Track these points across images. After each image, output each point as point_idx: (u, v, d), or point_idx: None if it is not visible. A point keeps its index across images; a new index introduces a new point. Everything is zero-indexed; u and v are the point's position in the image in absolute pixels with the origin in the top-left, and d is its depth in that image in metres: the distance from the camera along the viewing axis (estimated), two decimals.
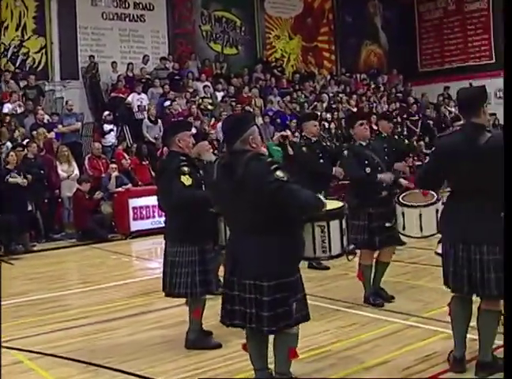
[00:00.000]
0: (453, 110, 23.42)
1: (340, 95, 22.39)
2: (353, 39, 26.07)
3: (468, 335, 5.21)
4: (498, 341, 5.11)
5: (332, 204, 5.09)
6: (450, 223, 5.12)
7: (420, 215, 6.71)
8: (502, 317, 5.01)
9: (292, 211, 4.44)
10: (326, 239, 5.01)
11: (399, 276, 8.50)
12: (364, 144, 7.05)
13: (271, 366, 4.74)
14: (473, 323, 5.13)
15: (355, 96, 22.51)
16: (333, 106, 21.09)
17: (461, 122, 5.16)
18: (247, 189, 4.33)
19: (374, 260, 7.24)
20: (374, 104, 22.87)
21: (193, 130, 9.53)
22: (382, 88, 24.75)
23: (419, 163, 18.95)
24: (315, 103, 20.92)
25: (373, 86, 24.65)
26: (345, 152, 7.15)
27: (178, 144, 5.91)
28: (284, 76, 22.60)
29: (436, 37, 27.80)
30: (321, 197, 4.64)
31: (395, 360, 5.49)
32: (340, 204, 5.31)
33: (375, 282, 7.29)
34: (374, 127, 10.29)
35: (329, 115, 20.04)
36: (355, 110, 21.28)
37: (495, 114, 17.03)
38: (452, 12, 27.26)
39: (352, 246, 5.66)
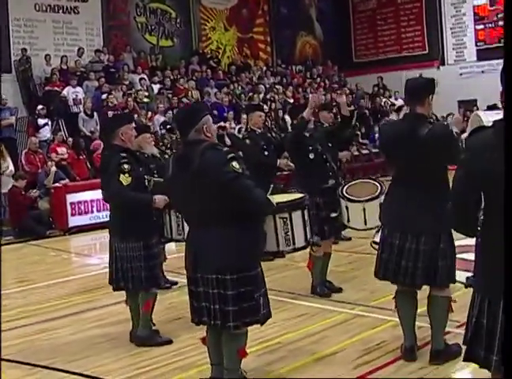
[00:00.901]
0: (393, 100, 23.75)
1: (277, 86, 22.40)
2: (288, 30, 26.12)
3: (417, 323, 5.25)
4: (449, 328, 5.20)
5: (292, 196, 5.05)
6: (389, 211, 5.16)
7: (364, 209, 6.72)
8: (452, 303, 5.07)
9: (244, 205, 4.36)
10: (289, 231, 4.95)
11: (343, 266, 8.53)
12: (308, 134, 7.04)
13: None
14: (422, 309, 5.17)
15: (291, 87, 22.59)
16: (270, 97, 21.07)
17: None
18: (204, 180, 4.23)
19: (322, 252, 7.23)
20: (310, 95, 22.92)
21: None
22: (317, 79, 24.87)
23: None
24: (251, 94, 20.88)
25: (309, 77, 24.78)
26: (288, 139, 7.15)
27: (120, 138, 5.79)
28: (220, 67, 22.50)
29: (370, 28, 28.12)
30: (271, 198, 4.58)
31: (346, 350, 5.50)
32: (300, 195, 5.27)
33: (322, 273, 7.29)
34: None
35: (265, 106, 20.01)
36: (291, 101, 21.35)
37: None
38: (385, 3, 27.61)
39: (316, 238, 5.63)
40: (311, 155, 6.93)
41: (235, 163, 4.24)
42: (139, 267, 5.73)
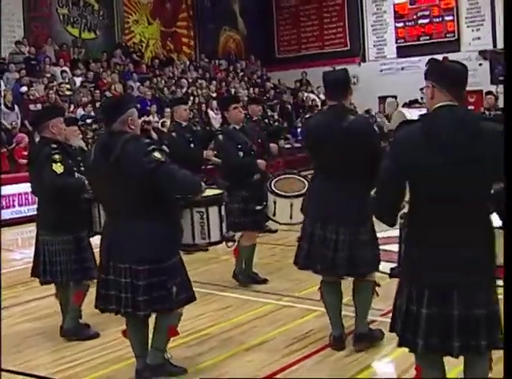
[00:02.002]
0: (314, 96, 24.08)
1: (200, 80, 22.40)
2: (212, 24, 26.09)
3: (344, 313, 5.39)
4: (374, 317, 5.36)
5: (210, 191, 5.12)
6: (311, 202, 5.27)
7: (292, 204, 6.84)
8: (377, 287, 5.23)
9: (170, 192, 4.45)
10: (205, 225, 5.05)
11: (268, 258, 8.63)
12: (238, 127, 7.11)
13: None
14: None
15: (214, 82, 22.63)
16: (193, 91, 21.05)
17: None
18: (124, 170, 4.29)
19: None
20: (234, 90, 23.04)
21: None
22: (240, 74, 24.98)
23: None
24: (174, 88, 20.82)
25: (232, 72, 24.87)
26: (220, 136, 7.17)
27: (51, 130, 5.75)
28: (143, 61, 22.33)
29: (293, 24, 28.34)
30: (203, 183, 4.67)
31: (274, 339, 5.59)
32: (218, 191, 5.36)
33: (247, 263, 7.37)
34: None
35: (189, 101, 20.01)
36: (214, 95, 21.40)
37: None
38: (309, 0, 27.87)
39: (231, 233, 5.73)
40: (240, 152, 6.98)
41: (156, 153, 4.32)
42: (70, 260, 5.70)
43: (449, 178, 3.31)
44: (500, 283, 3.33)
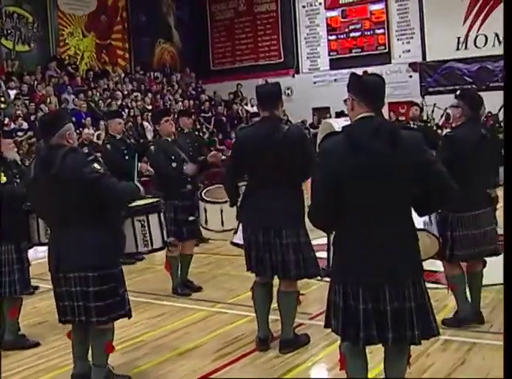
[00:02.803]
0: (249, 108, 24.33)
1: (135, 93, 22.47)
2: (147, 37, 26.12)
3: (273, 317, 5.63)
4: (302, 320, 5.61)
5: (148, 200, 5.32)
6: (250, 211, 5.46)
7: (222, 210, 7.08)
8: (300, 296, 5.50)
9: (111, 202, 4.61)
10: (147, 233, 5.24)
11: (202, 267, 8.83)
12: (170, 139, 7.29)
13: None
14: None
15: (150, 94, 22.73)
16: (128, 104, 21.10)
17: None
18: (65, 182, 4.44)
19: (179, 253, 7.49)
20: (169, 102, 23.17)
21: None
22: (175, 86, 25.12)
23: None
24: (110, 100, 20.84)
25: (167, 84, 24.99)
26: (152, 148, 7.35)
27: None
28: (78, 73, 22.25)
29: (228, 37, 28.58)
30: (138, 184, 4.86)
31: (206, 344, 5.80)
32: (156, 199, 5.55)
33: (182, 274, 7.56)
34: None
35: (124, 113, 20.03)
36: (150, 107, 21.49)
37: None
38: (243, 12, 28.15)
39: (172, 239, 5.93)
40: (173, 164, 7.16)
41: (95, 165, 4.51)
42: (13, 270, 5.78)
43: (371, 184, 3.60)
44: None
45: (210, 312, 6.81)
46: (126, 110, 20.14)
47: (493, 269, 6.20)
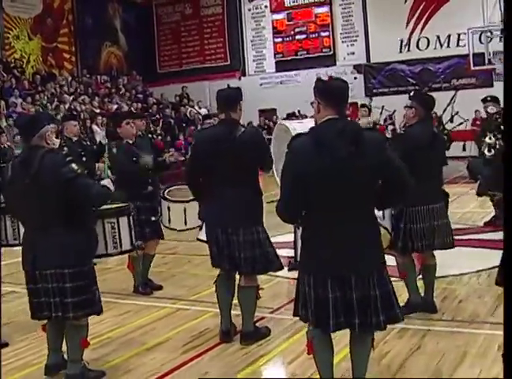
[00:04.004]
0: (197, 110, 24.50)
1: (82, 96, 22.46)
2: (93, 40, 26.14)
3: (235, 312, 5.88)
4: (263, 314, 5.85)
5: (117, 203, 5.51)
6: (210, 209, 5.73)
7: (185, 209, 7.29)
8: (259, 291, 5.75)
9: (85, 202, 4.81)
10: (117, 235, 5.44)
11: (161, 266, 8.98)
12: (131, 141, 7.45)
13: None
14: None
15: (97, 98, 22.74)
16: (76, 107, 21.08)
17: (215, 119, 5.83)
18: (43, 182, 4.62)
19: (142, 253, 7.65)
20: (116, 105, 23.22)
21: None
22: (123, 90, 25.15)
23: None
24: (58, 104, 20.80)
25: (114, 87, 25.00)
26: (114, 150, 7.49)
27: None
28: (24, 77, 22.18)
29: (174, 39, 28.76)
30: (111, 186, 5.06)
31: (173, 339, 6.01)
32: (126, 203, 5.75)
33: (143, 273, 7.73)
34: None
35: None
36: (98, 111, 21.51)
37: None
38: (189, 16, 28.38)
39: (140, 242, 6.14)
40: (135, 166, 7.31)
41: (73, 165, 4.70)
42: None
43: (337, 183, 3.88)
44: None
45: (173, 309, 7.00)
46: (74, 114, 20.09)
47: (444, 262, 6.59)
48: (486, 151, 4.65)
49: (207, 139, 5.70)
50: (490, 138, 4.64)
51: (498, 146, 4.61)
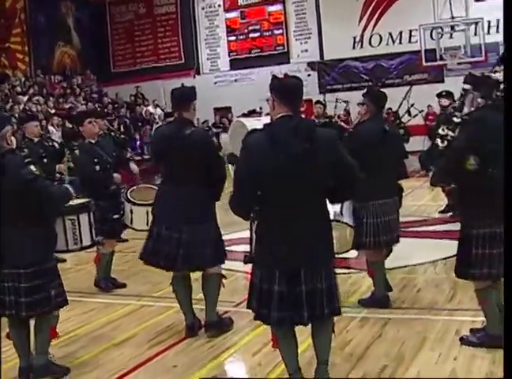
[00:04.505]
0: (151, 109, 24.49)
1: (37, 96, 22.28)
2: (46, 39, 25.86)
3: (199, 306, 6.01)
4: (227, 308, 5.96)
5: (78, 200, 5.59)
6: (161, 207, 5.84)
7: (147, 212, 7.37)
8: (224, 280, 5.89)
9: (45, 204, 4.86)
10: (77, 231, 5.52)
11: (122, 265, 9.03)
12: (93, 141, 7.49)
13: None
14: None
15: (52, 98, 22.59)
16: (30, 108, 20.91)
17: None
18: (3, 181, 4.68)
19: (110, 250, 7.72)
20: (71, 105, 23.09)
21: None
22: (77, 89, 25.01)
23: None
24: (12, 105, 20.62)
25: (68, 87, 24.84)
26: (76, 151, 7.54)
27: None
28: None
29: (128, 39, 28.68)
30: (70, 188, 5.13)
31: (139, 334, 6.11)
32: (87, 199, 5.83)
33: (107, 270, 7.79)
34: None
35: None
36: (53, 111, 21.37)
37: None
38: (142, 15, 28.33)
39: (100, 238, 6.22)
40: (97, 166, 7.36)
41: (32, 167, 4.77)
42: None
43: (290, 179, 4.01)
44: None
45: (137, 305, 7.09)
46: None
47: (402, 253, 6.80)
48: (439, 143, 4.82)
49: (160, 137, 5.92)
50: (443, 130, 4.81)
51: (449, 137, 4.78)
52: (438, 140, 4.83)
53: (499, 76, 4.92)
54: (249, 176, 4.09)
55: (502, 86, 4.79)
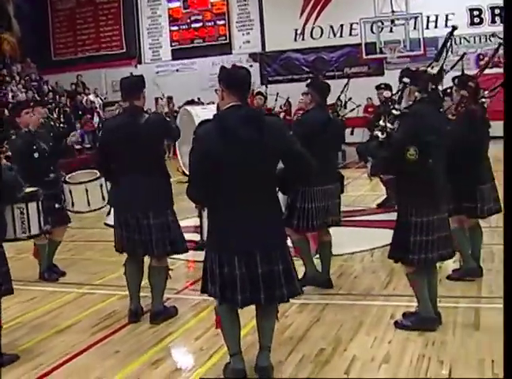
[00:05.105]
0: (92, 98, 24.30)
1: None
2: None
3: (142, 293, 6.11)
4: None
5: (28, 189, 5.62)
6: (119, 195, 5.93)
7: (87, 190, 7.43)
8: (169, 271, 5.99)
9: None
10: (26, 220, 5.55)
11: (63, 253, 9.02)
12: (33, 130, 7.47)
13: None
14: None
15: None
16: None
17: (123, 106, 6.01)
18: None
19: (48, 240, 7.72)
20: (11, 93, 22.78)
21: None
22: (17, 77, 24.66)
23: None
24: None
25: (8, 75, 24.47)
26: (14, 139, 7.50)
27: None
28: None
29: (69, 27, 28.41)
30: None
31: (82, 321, 6.17)
32: (35, 188, 5.86)
33: (49, 259, 7.80)
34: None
35: None
36: None
37: None
38: (84, 3, 28.09)
39: (48, 226, 6.26)
40: (36, 154, 7.36)
41: None
42: None
43: (241, 165, 4.18)
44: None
45: (79, 293, 7.13)
46: None
47: (340, 241, 7.01)
48: (379, 134, 5.01)
49: (114, 128, 5.91)
50: (383, 121, 5.01)
51: (388, 129, 4.98)
52: (378, 132, 5.03)
53: (435, 71, 5.13)
54: (202, 165, 4.24)
55: (435, 80, 5.02)
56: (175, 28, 27.20)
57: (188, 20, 26.91)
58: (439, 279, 6.45)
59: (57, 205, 7.49)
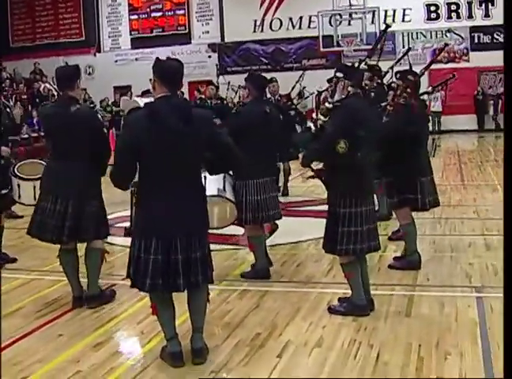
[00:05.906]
0: (49, 86, 24.13)
1: None
2: None
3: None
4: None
5: None
6: (48, 181, 6.05)
7: (34, 187, 7.48)
8: (105, 254, 6.14)
9: None
10: None
11: (14, 240, 9.07)
12: None
13: None
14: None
15: None
16: None
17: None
18: None
19: None
20: None
21: None
22: None
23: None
24: None
25: None
26: None
27: None
28: None
29: (27, 14, 28.18)
30: None
31: (27, 306, 6.26)
32: None
33: None
34: None
35: None
36: None
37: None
38: None
39: None
40: None
41: None
42: None
43: (169, 153, 4.34)
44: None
45: (27, 279, 7.21)
46: None
47: (285, 231, 7.19)
48: (312, 126, 5.21)
49: (46, 116, 6.15)
50: (316, 114, 5.21)
51: (321, 122, 5.17)
52: (311, 124, 5.21)
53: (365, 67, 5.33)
54: (128, 151, 4.39)
55: (368, 75, 5.21)
56: (135, 16, 27.15)
57: (148, 9, 26.89)
58: (378, 267, 6.70)
59: (3, 191, 7.54)
